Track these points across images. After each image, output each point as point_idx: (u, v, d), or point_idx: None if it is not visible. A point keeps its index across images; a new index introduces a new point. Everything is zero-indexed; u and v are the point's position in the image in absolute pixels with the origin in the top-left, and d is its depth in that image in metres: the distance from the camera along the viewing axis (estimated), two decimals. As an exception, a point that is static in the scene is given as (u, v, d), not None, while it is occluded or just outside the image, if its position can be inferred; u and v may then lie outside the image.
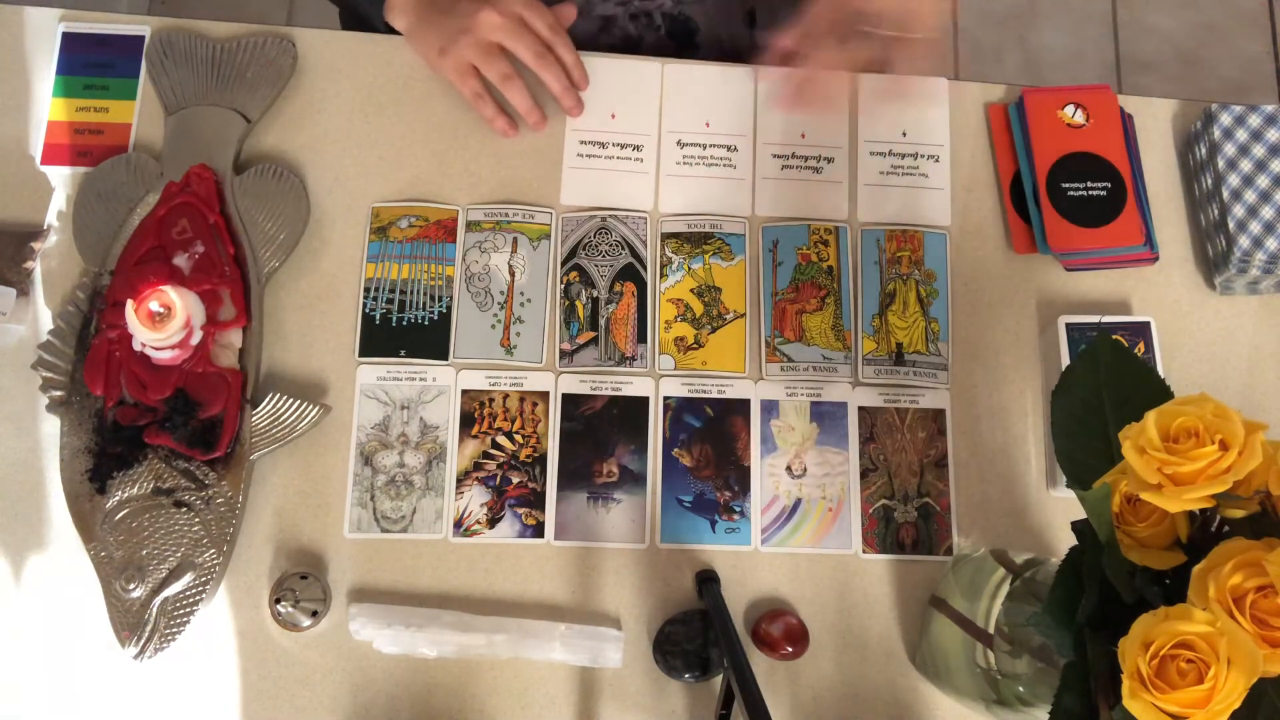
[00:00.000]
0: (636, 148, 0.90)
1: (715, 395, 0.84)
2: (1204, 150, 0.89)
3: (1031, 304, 0.88)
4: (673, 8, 0.98)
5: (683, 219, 0.89)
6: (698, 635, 0.77)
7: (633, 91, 0.92)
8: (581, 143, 0.90)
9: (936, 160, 0.91)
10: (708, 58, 1.00)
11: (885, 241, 0.88)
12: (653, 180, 0.90)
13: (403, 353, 0.84)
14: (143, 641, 0.75)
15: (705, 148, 0.91)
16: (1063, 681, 0.53)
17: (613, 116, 0.91)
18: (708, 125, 0.91)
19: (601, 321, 0.86)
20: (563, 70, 0.88)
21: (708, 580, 0.79)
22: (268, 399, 0.80)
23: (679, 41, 1.00)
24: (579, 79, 0.89)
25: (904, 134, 0.92)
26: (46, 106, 0.89)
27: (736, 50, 1.03)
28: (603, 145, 0.90)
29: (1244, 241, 0.84)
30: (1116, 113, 0.90)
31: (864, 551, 0.81)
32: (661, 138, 0.91)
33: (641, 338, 0.85)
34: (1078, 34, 1.97)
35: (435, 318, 0.85)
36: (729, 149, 0.91)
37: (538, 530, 0.81)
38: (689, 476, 0.82)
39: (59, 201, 0.86)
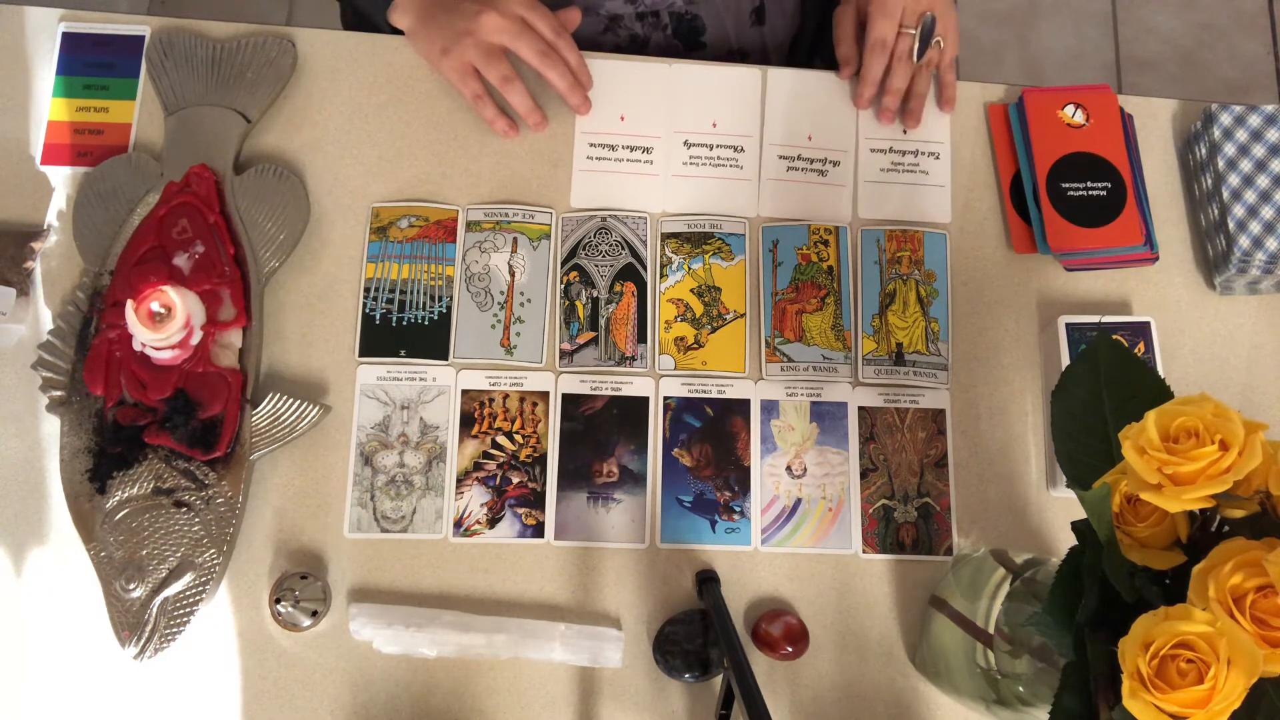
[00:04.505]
0: (646, 150, 0.90)
1: (715, 395, 0.84)
2: (1204, 150, 0.89)
3: (1031, 304, 0.88)
4: (682, 7, 0.97)
5: (683, 219, 0.89)
6: (698, 635, 0.77)
7: (641, 93, 0.92)
8: (591, 145, 0.90)
9: (937, 157, 0.91)
10: (714, 58, 0.99)
11: (885, 241, 0.88)
12: (662, 183, 0.90)
13: (403, 353, 0.84)
14: (143, 641, 0.75)
15: (712, 148, 0.91)
16: (1063, 681, 0.53)
17: (622, 119, 0.91)
18: (714, 125, 0.91)
19: (601, 321, 0.86)
20: (567, 69, 0.87)
21: (708, 580, 0.79)
22: (268, 399, 0.80)
23: (686, 42, 1.00)
24: (584, 79, 0.89)
25: (904, 131, 0.92)
26: (46, 106, 0.89)
27: (743, 50, 1.03)
28: (613, 148, 0.90)
29: (1244, 241, 0.84)
30: (1116, 113, 0.90)
31: (864, 551, 0.81)
32: (670, 139, 0.91)
33: (641, 338, 0.85)
34: (1078, 34, 1.97)
35: (435, 318, 0.85)
36: (735, 149, 0.91)
37: (538, 530, 0.81)
38: (689, 476, 0.82)
39: (59, 201, 0.86)
